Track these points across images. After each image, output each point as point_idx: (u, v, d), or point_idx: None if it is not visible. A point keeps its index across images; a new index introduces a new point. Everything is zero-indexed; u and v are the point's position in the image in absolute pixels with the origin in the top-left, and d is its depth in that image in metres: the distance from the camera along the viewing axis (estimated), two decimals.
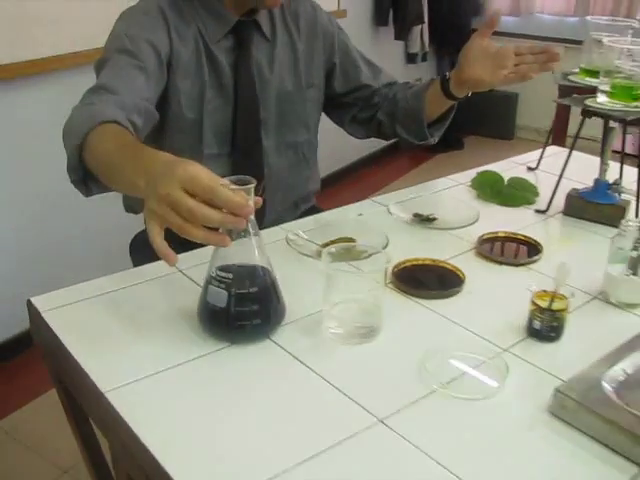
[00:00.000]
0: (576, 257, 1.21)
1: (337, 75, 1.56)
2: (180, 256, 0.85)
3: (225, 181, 0.83)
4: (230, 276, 0.92)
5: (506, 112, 5.11)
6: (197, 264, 1.11)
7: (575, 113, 2.94)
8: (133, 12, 1.35)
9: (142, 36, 1.28)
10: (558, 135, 3.00)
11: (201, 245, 0.96)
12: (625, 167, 1.47)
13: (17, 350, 2.35)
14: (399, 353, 0.94)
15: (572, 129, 2.98)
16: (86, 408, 0.98)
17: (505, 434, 0.80)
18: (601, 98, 1.31)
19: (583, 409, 0.79)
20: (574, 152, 1.40)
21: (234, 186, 0.84)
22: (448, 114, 1.48)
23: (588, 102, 1.32)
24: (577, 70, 1.53)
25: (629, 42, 1.29)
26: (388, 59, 4.63)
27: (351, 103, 1.59)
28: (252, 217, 0.91)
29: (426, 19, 4.69)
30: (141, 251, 1.42)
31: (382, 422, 0.80)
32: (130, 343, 0.96)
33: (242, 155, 1.44)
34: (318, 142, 1.60)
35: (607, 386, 0.82)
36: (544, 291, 0.97)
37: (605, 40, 1.30)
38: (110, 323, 1.01)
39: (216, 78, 1.39)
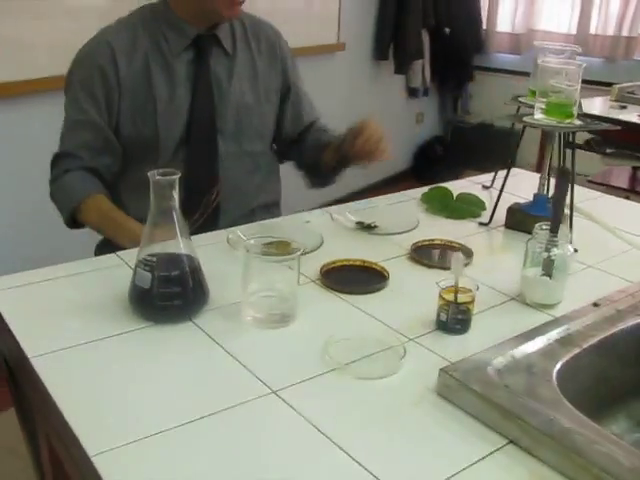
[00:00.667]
0: (506, 263, 1.28)
1: (287, 100, 1.68)
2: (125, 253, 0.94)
3: None
4: (154, 259, 1.00)
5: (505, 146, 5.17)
6: None
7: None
8: (74, 84, 1.51)
9: (85, 104, 1.48)
10: (540, 162, 3.07)
11: None
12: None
13: None
14: (309, 338, 0.99)
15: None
16: (18, 376, 1.05)
17: (393, 411, 0.85)
18: (537, 115, 1.37)
19: (463, 387, 0.84)
20: (529, 172, 1.46)
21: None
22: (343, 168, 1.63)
23: (526, 119, 1.39)
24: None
25: (562, 62, 1.36)
26: (389, 93, 4.74)
27: (282, 131, 1.71)
28: (178, 209, 0.99)
29: (427, 54, 4.79)
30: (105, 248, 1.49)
31: (275, 393, 0.86)
32: (64, 319, 1.04)
33: (196, 161, 1.53)
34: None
35: (490, 368, 0.87)
36: (451, 287, 1.03)
37: (539, 61, 1.37)
38: (51, 303, 1.09)
39: (170, 90, 1.50)
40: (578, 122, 1.37)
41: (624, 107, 3.05)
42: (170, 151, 1.51)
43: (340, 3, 4.02)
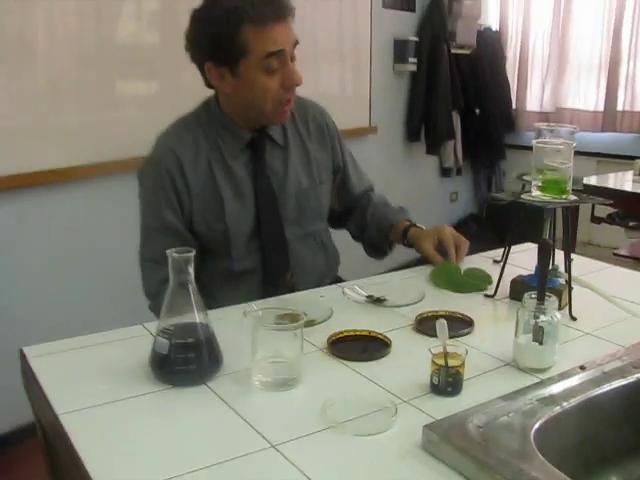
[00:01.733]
0: (506, 332, 1.33)
1: (338, 175, 1.86)
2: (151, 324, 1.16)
3: None
4: (172, 328, 1.11)
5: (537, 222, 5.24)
6: None
7: (583, 219, 3.08)
8: (147, 190, 1.67)
9: (160, 210, 1.62)
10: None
11: None
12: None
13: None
14: (311, 399, 1.08)
15: (581, 235, 3.13)
16: (47, 430, 1.15)
17: (382, 464, 0.93)
18: (535, 192, 1.47)
19: (444, 441, 0.92)
20: None
21: None
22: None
23: (523, 196, 1.48)
24: None
25: (557, 142, 1.46)
26: (422, 173, 4.88)
27: (334, 209, 1.89)
28: (193, 282, 1.10)
29: (459, 134, 4.94)
30: None
31: (274, 447, 0.95)
32: (93, 381, 1.15)
33: (269, 249, 1.69)
34: None
35: (471, 425, 0.95)
36: (442, 352, 1.11)
37: (533, 142, 1.47)
38: (82, 368, 1.21)
39: (234, 189, 1.65)
40: (573, 197, 1.46)
41: None
42: (242, 243, 1.66)
43: (371, 87, 4.21)
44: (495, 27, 5.30)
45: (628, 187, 3.11)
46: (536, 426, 0.96)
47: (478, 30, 5.01)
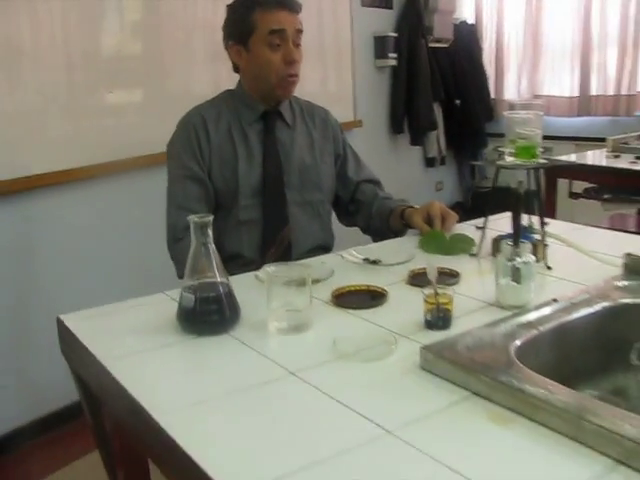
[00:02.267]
0: (488, 281, 1.51)
1: (339, 164, 2.14)
2: (175, 291, 1.42)
3: None
4: (197, 284, 1.27)
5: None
6: None
7: (563, 196, 3.26)
8: (174, 145, 1.98)
9: (186, 160, 1.94)
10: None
11: None
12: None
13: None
14: (321, 339, 1.24)
15: (562, 213, 3.30)
16: (92, 384, 1.31)
17: (387, 380, 1.09)
18: (508, 159, 1.64)
19: (438, 358, 1.09)
20: None
21: None
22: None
23: (498, 162, 1.65)
24: None
25: (524, 113, 1.63)
26: (407, 164, 5.04)
27: (339, 196, 2.16)
28: (212, 244, 1.27)
29: (441, 125, 5.12)
30: None
31: (294, 374, 1.11)
32: (128, 336, 1.31)
33: (271, 205, 1.97)
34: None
35: (460, 345, 1.12)
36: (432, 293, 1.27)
37: (505, 113, 1.64)
38: (116, 327, 1.37)
39: (247, 151, 1.97)
40: (542, 160, 1.63)
41: (618, 156, 3.30)
42: (248, 198, 1.95)
43: (354, 83, 4.38)
44: (471, 20, 5.48)
45: (602, 162, 3.29)
46: (516, 344, 1.13)
47: (454, 24, 5.18)
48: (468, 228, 2.01)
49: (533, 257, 1.37)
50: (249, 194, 1.95)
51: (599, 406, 0.92)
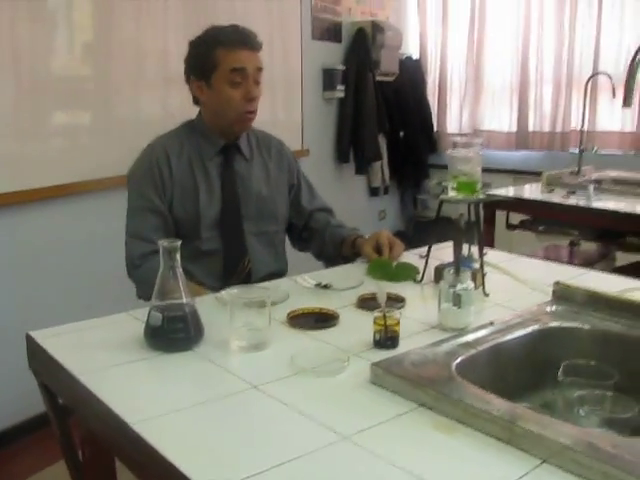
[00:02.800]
0: (432, 306, 1.64)
1: (293, 193, 2.25)
2: (137, 311, 1.53)
3: None
4: (164, 304, 1.37)
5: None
6: None
7: (500, 228, 3.42)
8: (136, 177, 2.05)
9: (147, 192, 2.01)
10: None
11: None
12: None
13: None
14: (280, 356, 1.35)
15: (500, 244, 3.47)
16: (63, 396, 1.39)
17: (340, 393, 1.21)
18: (451, 193, 1.78)
19: (387, 373, 1.21)
20: None
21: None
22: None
23: (442, 197, 1.79)
24: None
25: (466, 152, 1.77)
26: (351, 193, 5.19)
27: (292, 223, 2.27)
28: (180, 267, 1.37)
29: (385, 156, 5.29)
30: None
31: (256, 387, 1.22)
32: (98, 352, 1.40)
33: (230, 237, 2.07)
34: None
35: (407, 362, 1.24)
36: (381, 315, 1.39)
37: (448, 152, 1.78)
38: (86, 343, 1.46)
39: (207, 184, 2.05)
40: (482, 196, 1.77)
41: (552, 190, 3.50)
42: (209, 230, 2.04)
43: (302, 113, 4.52)
44: (415, 56, 5.69)
45: (538, 196, 3.48)
46: (457, 361, 1.26)
47: (400, 59, 5.38)
48: (412, 256, 2.14)
49: (472, 284, 1.50)
50: (209, 226, 2.04)
51: (528, 414, 1.06)
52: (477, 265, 1.78)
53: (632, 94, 2.01)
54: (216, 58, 1.97)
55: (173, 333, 1.37)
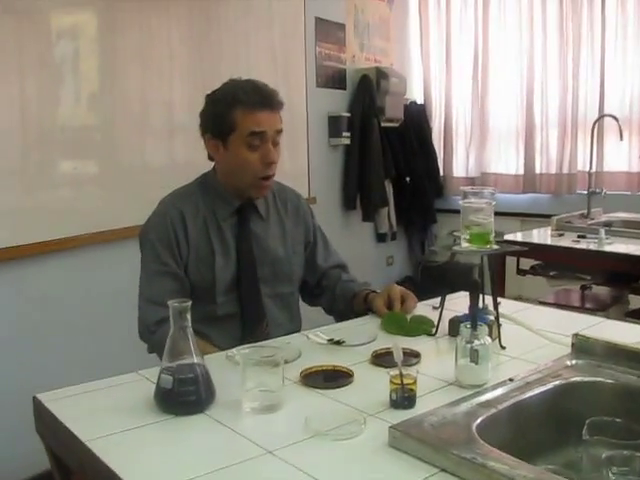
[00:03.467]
0: (448, 360, 1.59)
1: (308, 250, 2.17)
2: (147, 370, 1.46)
3: None
4: (175, 366, 1.33)
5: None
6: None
7: (511, 274, 3.39)
8: (151, 238, 1.95)
9: (163, 255, 1.93)
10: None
11: None
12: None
13: None
14: (294, 417, 1.31)
15: (510, 289, 3.44)
16: (70, 461, 1.35)
17: (357, 458, 1.17)
18: (464, 244, 1.75)
19: (406, 436, 1.16)
20: None
21: None
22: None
23: (455, 248, 1.76)
24: None
25: (480, 202, 1.74)
26: (359, 239, 5.17)
27: (305, 279, 2.19)
28: (190, 327, 1.34)
29: (392, 202, 5.28)
30: None
31: (270, 452, 1.18)
32: (107, 416, 1.36)
33: (247, 301, 2.00)
34: None
35: (426, 424, 1.20)
36: (398, 374, 1.36)
37: (460, 202, 1.76)
38: (94, 407, 1.42)
39: (222, 246, 1.98)
40: (495, 246, 1.74)
41: (562, 234, 3.47)
42: (224, 292, 1.96)
43: (309, 161, 4.52)
44: (420, 101, 5.72)
45: (547, 241, 3.45)
46: (477, 422, 1.21)
47: (405, 104, 5.41)
48: (425, 307, 2.11)
49: (489, 339, 1.47)
50: (225, 290, 1.96)
51: (554, 479, 1.01)
52: (492, 317, 1.75)
53: None
54: (234, 119, 1.89)
55: (184, 396, 1.33)
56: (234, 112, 1.88)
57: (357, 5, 5.06)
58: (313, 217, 2.24)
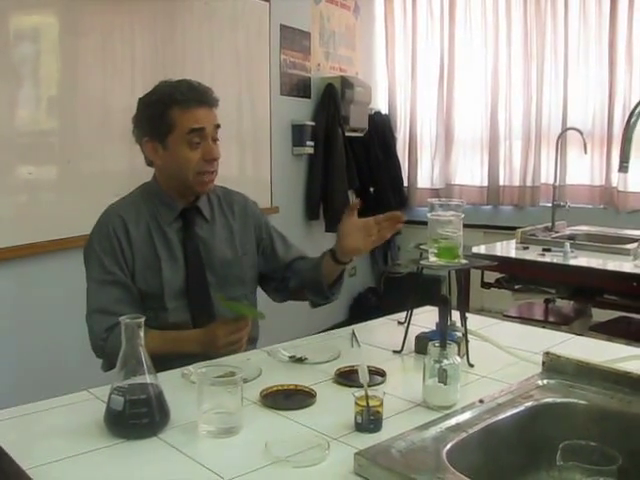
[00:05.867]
0: (414, 379, 1.52)
1: (263, 247, 2.08)
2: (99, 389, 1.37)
3: None
4: (126, 386, 1.25)
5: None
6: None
7: (475, 286, 3.35)
8: (94, 248, 1.88)
9: (108, 265, 1.85)
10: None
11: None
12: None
13: None
14: (253, 442, 1.23)
15: (474, 302, 3.40)
16: None
17: None
18: (432, 258, 1.69)
19: (372, 464, 1.09)
20: None
21: None
22: (342, 275, 2.00)
23: (422, 262, 1.70)
24: None
25: (448, 214, 1.69)
26: (321, 249, 5.00)
27: (269, 276, 2.10)
28: (143, 345, 1.25)
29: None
30: None
31: None
32: (52, 440, 1.26)
33: (197, 306, 1.92)
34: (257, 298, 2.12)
35: (394, 450, 1.13)
36: (363, 395, 1.29)
37: (428, 215, 1.70)
38: (38, 429, 1.33)
39: (168, 251, 1.90)
40: (464, 261, 1.69)
41: (527, 247, 3.45)
42: (174, 299, 1.89)
43: (271, 169, 4.45)
44: (385, 111, 5.69)
45: (512, 254, 3.42)
46: (447, 448, 1.15)
47: (369, 114, 5.37)
48: (391, 323, 2.04)
49: (459, 359, 1.41)
50: (174, 297, 1.89)
51: None
52: (459, 333, 1.69)
53: (628, 159, 1.95)
54: (172, 118, 1.83)
55: (136, 418, 1.24)
56: (171, 112, 1.83)
57: (323, 13, 5.02)
58: (263, 215, 2.17)
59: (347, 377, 1.56)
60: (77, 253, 1.95)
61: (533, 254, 3.30)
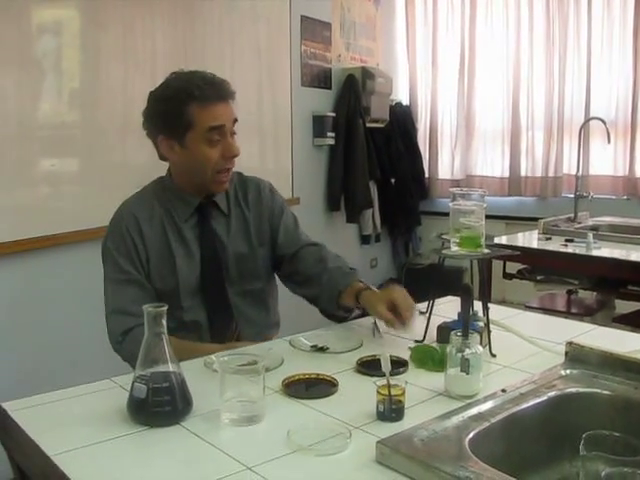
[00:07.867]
0: None
1: (280, 233, 2.00)
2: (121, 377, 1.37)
3: None
4: (149, 375, 1.26)
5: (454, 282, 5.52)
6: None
7: (496, 277, 3.33)
8: (108, 248, 1.86)
9: (123, 264, 1.83)
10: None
11: None
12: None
13: None
14: (275, 430, 1.24)
15: (495, 293, 3.39)
16: (36, 477, 1.27)
17: (346, 475, 1.10)
18: (454, 248, 1.68)
19: (395, 452, 1.09)
20: None
21: None
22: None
23: (444, 251, 1.70)
24: None
25: (470, 204, 1.68)
26: (343, 241, 5.09)
27: (285, 259, 2.01)
28: (166, 334, 1.26)
29: (376, 203, 5.21)
30: None
31: (250, 469, 1.10)
32: (76, 427, 1.28)
33: (213, 302, 1.90)
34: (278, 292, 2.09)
35: (416, 439, 1.13)
36: (385, 385, 1.29)
37: (450, 205, 1.69)
38: (62, 417, 1.34)
39: (184, 249, 1.87)
40: (486, 251, 1.68)
41: (549, 238, 3.42)
42: (190, 297, 1.86)
43: (292, 161, 4.45)
44: (406, 102, 5.67)
45: (534, 244, 3.40)
46: (469, 437, 1.15)
47: (390, 105, 5.35)
48: None
49: (481, 348, 1.40)
50: (190, 294, 1.87)
51: None
52: (482, 323, 1.68)
53: None
54: (190, 116, 1.77)
55: (158, 406, 1.25)
56: (189, 109, 1.76)
57: (343, 4, 5.00)
58: (275, 200, 2.04)
59: (369, 366, 1.55)
60: (99, 245, 1.95)
61: (556, 245, 3.28)
